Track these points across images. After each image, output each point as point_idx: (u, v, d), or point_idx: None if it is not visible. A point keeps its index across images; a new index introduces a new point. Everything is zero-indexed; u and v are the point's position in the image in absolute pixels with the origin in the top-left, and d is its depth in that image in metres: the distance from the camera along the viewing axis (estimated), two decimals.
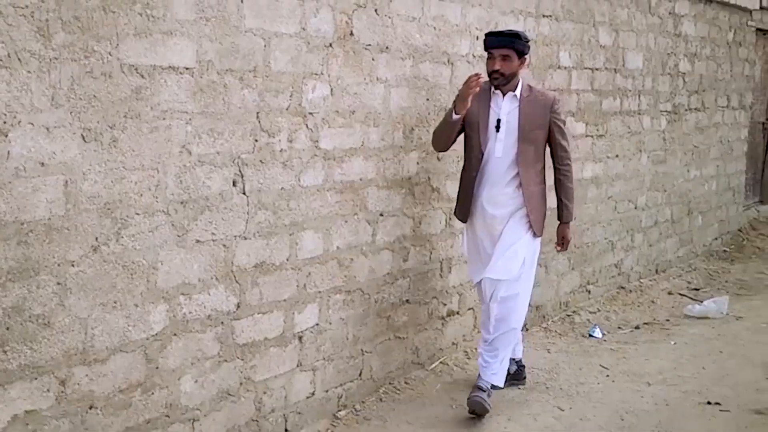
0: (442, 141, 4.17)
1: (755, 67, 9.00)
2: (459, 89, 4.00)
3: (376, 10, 3.92)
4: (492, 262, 4.13)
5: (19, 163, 2.61)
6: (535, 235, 4.19)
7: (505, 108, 4.08)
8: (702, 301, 6.35)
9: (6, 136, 2.56)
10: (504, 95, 4.08)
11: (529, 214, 4.13)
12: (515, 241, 4.11)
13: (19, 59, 2.57)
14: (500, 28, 4.86)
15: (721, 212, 8.46)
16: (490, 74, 4.03)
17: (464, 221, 4.28)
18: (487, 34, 4.07)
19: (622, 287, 6.69)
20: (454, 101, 4.03)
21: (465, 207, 4.22)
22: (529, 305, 5.42)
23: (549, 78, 5.40)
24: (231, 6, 3.22)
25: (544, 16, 5.25)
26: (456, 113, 4.01)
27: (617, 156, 6.38)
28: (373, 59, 3.95)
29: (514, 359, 4.44)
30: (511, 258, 4.09)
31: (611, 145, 6.28)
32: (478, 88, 3.93)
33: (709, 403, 4.33)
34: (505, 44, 3.97)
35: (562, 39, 5.48)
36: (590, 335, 5.56)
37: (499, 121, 4.06)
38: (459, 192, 4.28)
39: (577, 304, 6.10)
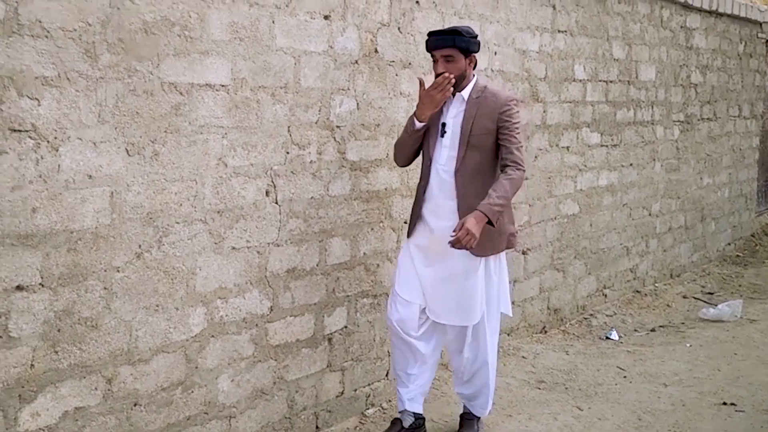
0: (403, 154, 3.74)
1: (766, 77, 9.08)
2: (421, 93, 3.54)
3: (399, 29, 4.08)
4: (449, 306, 3.65)
5: (69, 176, 2.77)
6: (501, 251, 3.71)
7: (451, 111, 3.61)
8: (716, 305, 6.42)
9: (57, 150, 2.72)
10: (455, 96, 3.62)
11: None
12: (467, 279, 3.63)
13: (68, 79, 2.72)
14: (517, 42, 5.02)
15: (734, 218, 8.54)
16: (436, 78, 3.51)
17: (409, 236, 3.76)
18: (428, 35, 3.62)
19: (638, 291, 6.79)
20: (417, 107, 3.58)
21: (412, 220, 3.74)
22: (548, 308, 5.58)
23: (565, 90, 5.55)
24: (263, 26, 3.38)
25: (559, 31, 5.40)
26: (419, 121, 3.58)
27: (631, 164, 6.51)
28: (396, 75, 4.11)
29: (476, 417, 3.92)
30: (470, 299, 3.63)
31: (625, 154, 6.41)
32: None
33: (724, 403, 4.41)
34: (446, 44, 3.51)
35: (577, 53, 5.62)
36: (607, 337, 5.66)
37: (444, 125, 3.61)
38: (412, 206, 3.81)
39: (594, 307, 6.21)
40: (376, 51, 3.96)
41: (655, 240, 7.03)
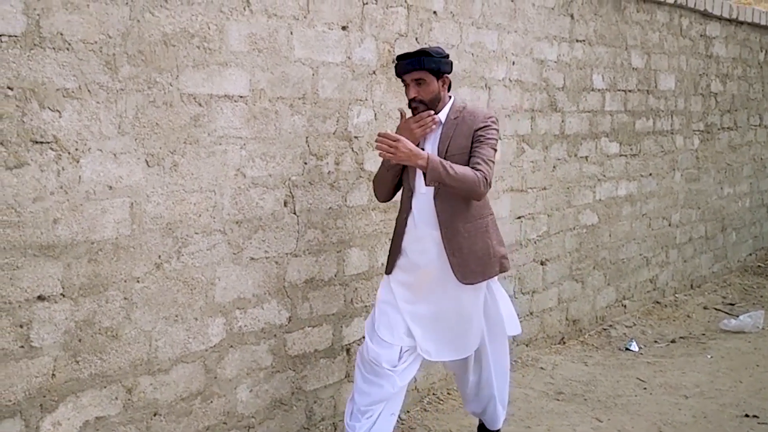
0: (383, 189, 3.57)
1: None
2: (401, 125, 3.41)
3: (416, 39, 4.10)
4: (443, 343, 3.46)
5: (90, 187, 2.80)
6: (494, 275, 3.50)
7: (429, 136, 3.43)
8: (737, 316, 6.36)
9: (78, 161, 2.75)
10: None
11: (455, 265, 3.37)
12: (462, 312, 3.45)
13: (89, 91, 2.75)
14: (535, 52, 5.01)
15: (755, 228, 8.47)
16: (409, 103, 3.40)
17: (388, 272, 3.52)
18: (395, 59, 3.44)
19: (658, 302, 6.75)
20: None
21: (392, 256, 3.51)
22: (567, 319, 5.56)
23: (583, 100, 5.53)
24: (281, 38, 3.40)
25: (577, 40, 5.39)
26: None
27: (651, 174, 6.48)
28: None
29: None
30: (466, 331, 3.47)
31: (645, 164, 6.38)
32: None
33: (746, 415, 4.37)
34: (414, 66, 3.32)
35: (595, 62, 5.61)
36: (627, 349, 5.62)
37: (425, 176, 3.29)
38: (392, 240, 3.59)
39: (613, 318, 6.17)
40: (393, 61, 3.97)
41: (675, 250, 6.98)
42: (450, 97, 3.48)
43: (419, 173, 3.37)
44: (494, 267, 3.48)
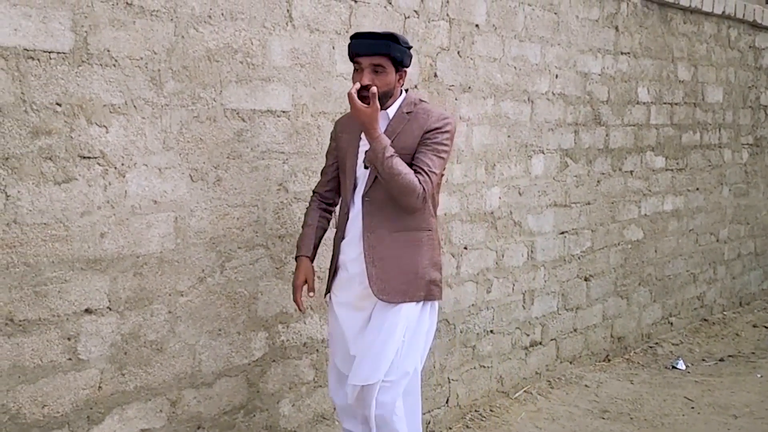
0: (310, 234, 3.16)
1: None
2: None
3: (458, 53, 4.09)
4: (355, 362, 2.96)
5: (135, 202, 2.83)
6: (418, 300, 2.96)
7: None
8: None
9: (124, 176, 2.79)
10: None
11: (374, 276, 2.92)
12: (381, 327, 2.93)
13: (134, 106, 2.79)
14: (579, 64, 4.97)
15: None
16: (358, 92, 2.83)
17: (328, 291, 3.13)
18: (352, 37, 2.93)
19: (705, 319, 6.61)
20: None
21: (330, 272, 3.12)
22: (611, 336, 5.47)
23: (628, 113, 5.47)
24: (323, 53, 3.42)
25: (622, 53, 5.33)
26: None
27: (698, 189, 6.37)
28: (456, 99, 4.11)
29: None
30: (379, 354, 2.90)
31: (692, 178, 6.28)
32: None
33: None
34: (378, 50, 2.84)
35: (640, 75, 5.55)
36: (673, 367, 5.52)
37: (367, 152, 2.93)
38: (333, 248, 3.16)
39: (659, 335, 6.07)
40: (435, 75, 3.97)
41: (723, 267, 6.84)
42: (403, 91, 3.03)
43: (361, 176, 2.98)
44: (419, 290, 2.95)
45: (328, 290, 3.13)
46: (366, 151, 2.91)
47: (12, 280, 2.54)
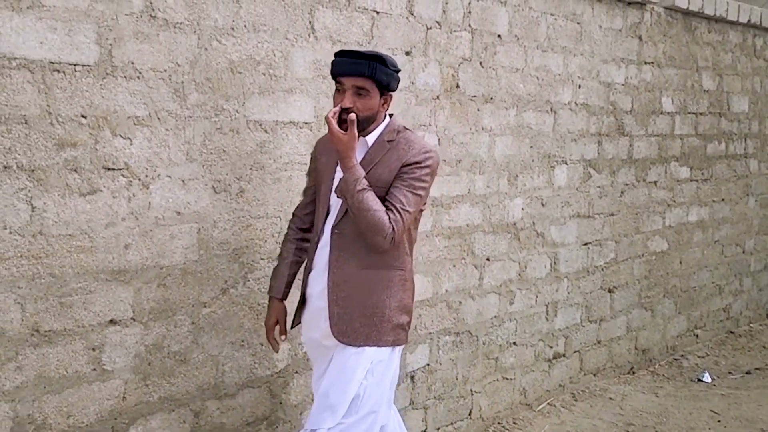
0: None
1: None
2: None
3: (480, 63, 4.08)
4: (314, 404, 2.76)
5: (159, 213, 2.85)
6: (383, 345, 2.73)
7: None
8: None
9: (148, 188, 2.80)
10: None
11: (335, 316, 2.71)
12: (342, 371, 2.71)
13: (158, 118, 2.81)
14: (602, 74, 4.95)
15: None
16: (340, 114, 2.64)
17: (298, 321, 2.95)
18: (336, 54, 2.72)
19: (731, 332, 6.54)
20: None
21: (299, 303, 2.93)
22: (636, 348, 5.42)
23: (652, 123, 5.43)
24: None
25: (645, 62, 5.30)
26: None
27: (723, 200, 6.30)
28: (478, 109, 4.10)
29: None
30: (337, 398, 2.67)
31: (717, 188, 6.22)
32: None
33: None
34: (362, 71, 2.63)
35: (664, 85, 5.51)
36: (699, 380, 5.46)
37: (339, 182, 2.72)
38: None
39: (684, 348, 6.00)
40: (457, 86, 3.96)
41: (750, 278, 6.76)
42: (387, 116, 2.81)
43: (334, 204, 2.78)
44: (385, 334, 2.72)
45: (298, 321, 2.93)
46: (339, 180, 2.69)
47: (38, 291, 2.56)
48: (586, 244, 4.96)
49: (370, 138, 2.74)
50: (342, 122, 2.61)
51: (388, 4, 3.58)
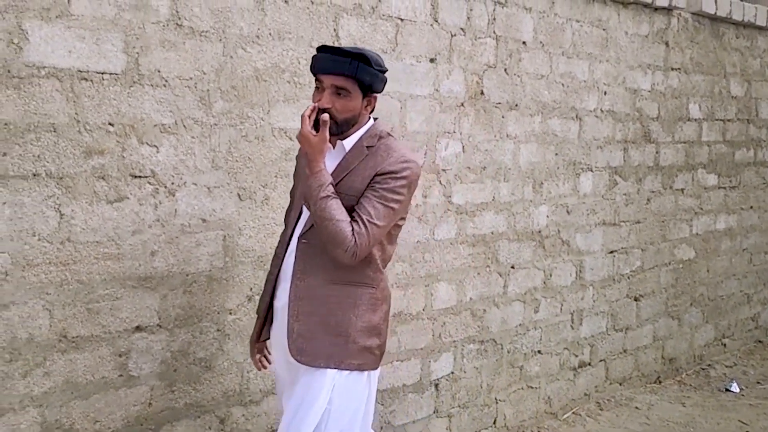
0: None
1: None
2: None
3: (505, 70, 4.07)
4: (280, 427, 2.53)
5: (185, 220, 2.86)
6: (345, 368, 2.48)
7: (327, 164, 2.47)
8: None
9: (174, 195, 2.82)
10: (335, 146, 2.54)
11: (294, 333, 2.48)
12: (305, 393, 2.47)
13: (184, 126, 2.83)
14: (628, 81, 4.92)
15: None
16: (318, 113, 2.43)
17: (267, 336, 2.71)
18: (318, 49, 2.51)
19: (760, 341, 6.45)
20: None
21: (261, 317, 2.69)
22: (662, 357, 5.36)
23: (679, 130, 5.38)
24: None
25: (672, 69, 5.26)
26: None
27: (752, 207, 6.23)
28: (502, 116, 4.09)
29: None
30: (298, 425, 2.44)
31: (745, 196, 6.15)
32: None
33: None
34: (343, 70, 2.41)
35: (691, 91, 5.46)
36: (727, 389, 5.39)
37: (301, 186, 2.58)
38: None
39: (712, 357, 5.93)
40: (482, 93, 3.95)
41: None
42: (371, 119, 2.59)
43: (305, 211, 2.54)
44: (349, 357, 2.48)
45: (267, 336, 2.69)
46: (303, 185, 2.49)
47: (66, 297, 2.59)
48: (611, 252, 4.92)
49: (349, 142, 2.52)
50: (317, 122, 2.41)
51: (412, 12, 3.58)
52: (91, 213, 2.62)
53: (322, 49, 2.49)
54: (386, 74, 2.56)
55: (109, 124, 2.64)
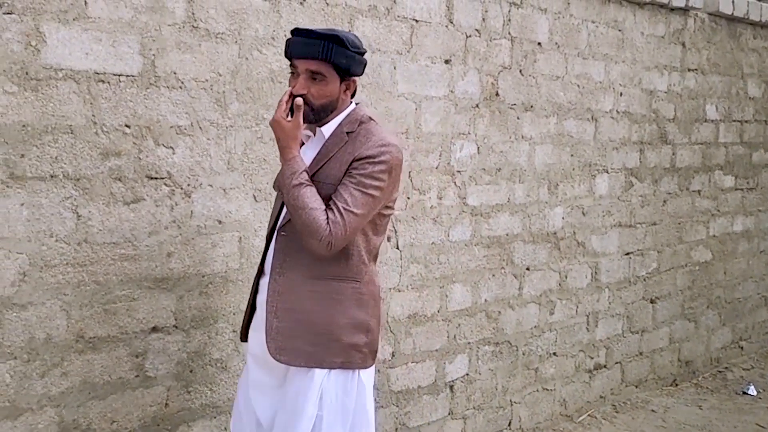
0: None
1: None
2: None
3: (520, 71, 4.06)
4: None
5: (201, 222, 2.87)
6: (328, 367, 2.37)
7: (307, 153, 2.44)
8: None
9: (190, 197, 2.83)
10: (315, 133, 2.47)
11: (273, 330, 2.37)
12: (295, 399, 2.38)
13: (200, 128, 2.84)
14: (644, 82, 4.89)
15: None
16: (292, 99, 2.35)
17: (244, 339, 2.59)
18: (292, 32, 2.40)
19: None
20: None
21: (246, 313, 2.58)
22: (679, 360, 5.33)
23: (695, 131, 5.35)
24: (385, 73, 3.43)
25: (689, 69, 5.23)
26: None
27: None
28: (518, 118, 4.08)
29: None
30: (296, 420, 2.35)
31: (763, 198, 6.10)
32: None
33: None
34: (315, 53, 2.30)
35: (708, 92, 5.43)
36: (744, 393, 5.35)
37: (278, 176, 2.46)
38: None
39: (729, 360, 5.89)
40: (497, 94, 3.95)
41: None
42: (352, 103, 2.49)
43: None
44: (332, 355, 2.36)
45: (244, 337, 2.58)
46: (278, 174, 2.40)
47: (83, 298, 2.60)
48: (627, 254, 4.90)
49: (327, 129, 2.41)
50: (292, 109, 2.32)
51: (427, 13, 3.58)
52: (108, 214, 2.64)
53: (295, 32, 2.38)
54: (365, 56, 2.44)
55: (126, 125, 2.65)
